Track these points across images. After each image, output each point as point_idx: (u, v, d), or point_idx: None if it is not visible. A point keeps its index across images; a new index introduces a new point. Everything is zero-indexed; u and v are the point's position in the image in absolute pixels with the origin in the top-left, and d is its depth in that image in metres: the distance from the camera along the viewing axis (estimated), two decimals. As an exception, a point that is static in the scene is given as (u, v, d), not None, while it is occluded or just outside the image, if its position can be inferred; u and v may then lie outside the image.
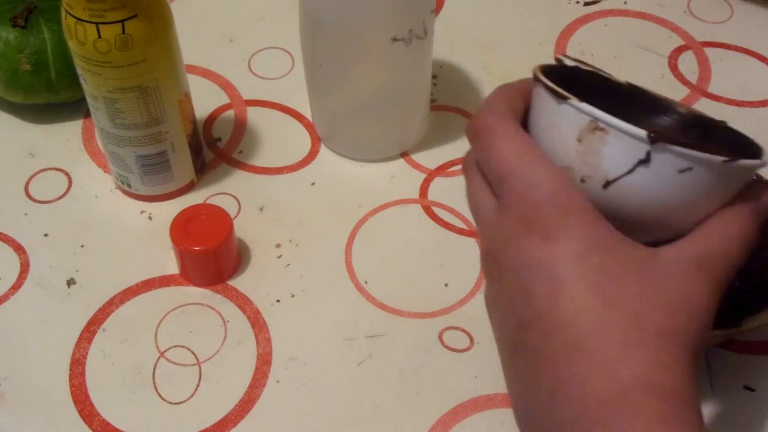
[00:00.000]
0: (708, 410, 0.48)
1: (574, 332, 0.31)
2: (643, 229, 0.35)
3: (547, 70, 0.38)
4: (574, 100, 0.34)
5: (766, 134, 0.63)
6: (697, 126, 0.41)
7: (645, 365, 0.30)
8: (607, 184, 0.34)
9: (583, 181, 0.35)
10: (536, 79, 0.37)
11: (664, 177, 0.33)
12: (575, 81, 0.39)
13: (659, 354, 0.31)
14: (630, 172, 0.34)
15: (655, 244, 0.34)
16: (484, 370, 0.49)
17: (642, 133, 0.33)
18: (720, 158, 0.33)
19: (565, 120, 0.35)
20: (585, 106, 0.34)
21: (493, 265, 0.35)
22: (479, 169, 0.37)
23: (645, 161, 0.33)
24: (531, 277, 0.32)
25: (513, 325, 0.34)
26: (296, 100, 0.64)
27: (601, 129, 0.34)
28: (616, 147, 0.34)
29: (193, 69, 0.66)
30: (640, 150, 0.33)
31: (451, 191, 0.59)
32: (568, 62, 0.41)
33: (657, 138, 0.32)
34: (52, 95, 0.60)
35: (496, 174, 0.35)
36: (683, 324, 0.32)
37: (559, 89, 0.35)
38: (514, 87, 0.38)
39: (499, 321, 0.35)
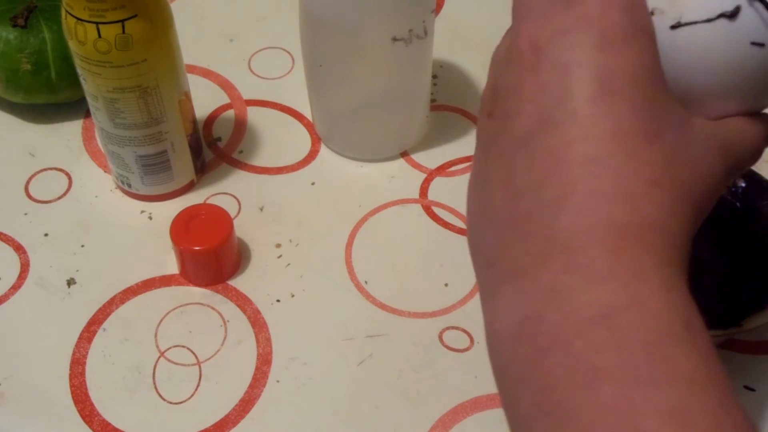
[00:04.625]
0: (708, 410, 0.48)
1: (604, 149, 0.29)
2: (679, 92, 0.32)
3: None
4: None
5: None
6: None
7: (663, 209, 0.28)
8: (677, 25, 0.31)
9: (652, 13, 0.31)
10: None
11: (736, 41, 0.31)
12: None
13: (679, 205, 0.29)
14: (707, 21, 0.31)
15: None
16: (484, 370, 0.49)
17: None
18: None
19: None
20: None
21: (531, 50, 0.31)
22: None
23: (730, 15, 0.30)
24: (577, 77, 0.29)
25: (532, 120, 0.30)
26: (296, 100, 0.64)
27: None
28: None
29: (193, 69, 0.66)
30: (731, 1, 0.30)
31: (452, 191, 0.59)
32: None
33: None
34: (52, 95, 0.60)
35: None
36: (705, 192, 0.30)
37: None
38: None
39: (508, 112, 0.32)
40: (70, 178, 0.59)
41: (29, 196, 0.58)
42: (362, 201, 0.58)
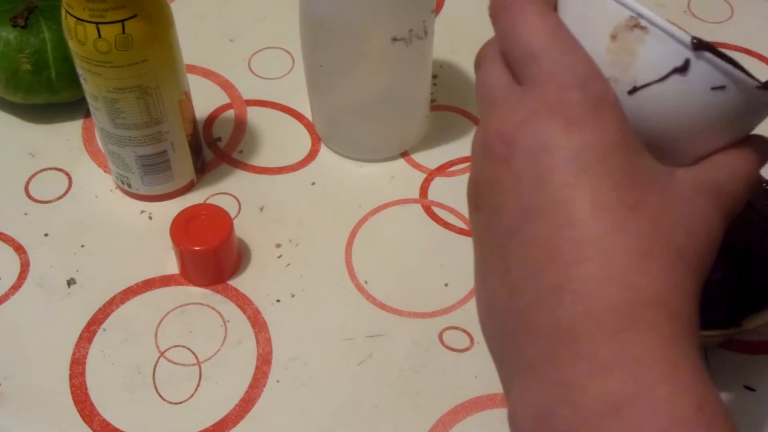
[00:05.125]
0: (708, 410, 0.48)
1: (590, 229, 0.29)
2: (658, 145, 0.32)
3: None
4: None
5: (766, 134, 0.63)
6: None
7: (660, 280, 0.28)
8: (634, 89, 0.32)
9: None
10: None
11: (695, 91, 0.31)
12: None
13: (676, 273, 0.29)
14: (662, 79, 0.31)
15: None
16: (484, 370, 0.49)
17: (686, 37, 0.30)
18: (755, 82, 0.30)
19: (600, 13, 0.32)
20: (629, 0, 0.31)
21: (501, 145, 0.31)
22: (498, 54, 0.34)
23: (681, 69, 0.30)
24: (549, 163, 0.30)
25: (515, 211, 0.31)
26: (296, 100, 0.64)
27: (641, 27, 0.31)
28: (653, 49, 0.31)
29: (193, 69, 0.66)
30: (679, 56, 0.30)
31: (452, 191, 0.59)
32: None
33: (700, 45, 0.30)
34: (52, 95, 0.60)
35: (525, 52, 0.31)
36: (700, 248, 0.30)
37: None
38: None
39: (493, 206, 0.32)
40: (70, 178, 0.59)
41: (29, 196, 0.58)
42: (362, 201, 0.58)
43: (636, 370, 0.27)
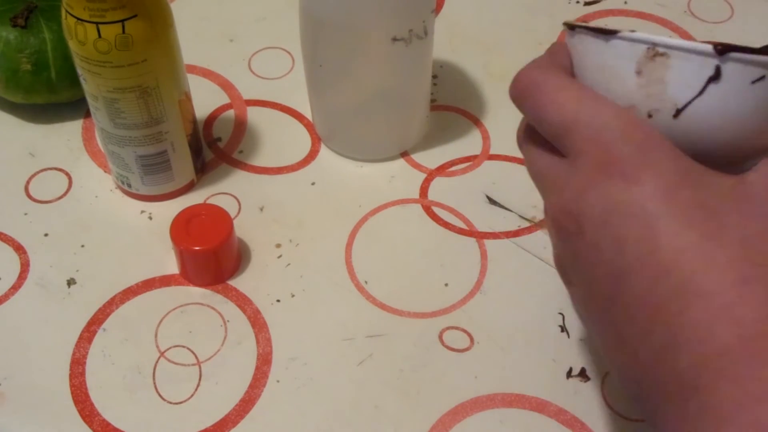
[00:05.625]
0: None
1: (682, 274, 0.28)
2: (717, 157, 0.33)
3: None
4: (625, 32, 0.32)
5: (766, 134, 0.63)
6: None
7: (765, 304, 0.28)
8: (677, 112, 0.32)
9: (650, 116, 0.32)
10: (573, 28, 0.34)
11: (737, 91, 0.31)
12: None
13: None
14: (701, 93, 0.31)
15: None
16: (484, 370, 0.49)
17: (707, 47, 0.30)
18: None
19: (618, 57, 0.32)
20: (639, 34, 0.31)
21: (569, 221, 0.32)
22: (533, 135, 0.34)
23: (715, 78, 0.31)
24: (620, 223, 0.30)
25: (605, 279, 0.31)
26: (296, 100, 0.64)
27: (662, 54, 0.31)
28: (681, 69, 0.31)
29: (193, 69, 0.66)
30: (709, 66, 0.31)
31: (452, 191, 0.59)
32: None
33: (724, 49, 0.30)
34: (52, 95, 0.60)
35: (558, 127, 0.32)
36: None
37: (603, 27, 0.32)
38: (555, 44, 0.36)
39: (583, 279, 0.32)
40: (70, 178, 0.59)
41: (29, 196, 0.58)
42: (362, 201, 0.58)
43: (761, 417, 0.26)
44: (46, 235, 0.56)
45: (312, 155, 0.61)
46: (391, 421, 0.48)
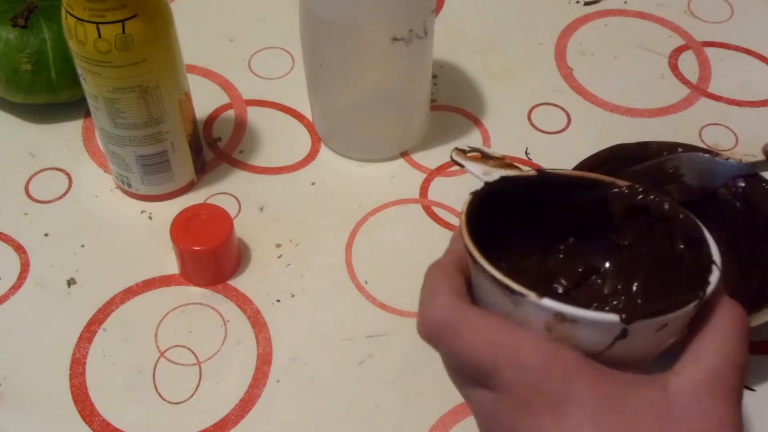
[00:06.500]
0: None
1: None
2: (625, 369, 0.34)
3: (471, 211, 0.36)
4: (532, 296, 0.32)
5: (766, 134, 0.63)
6: (637, 211, 0.39)
7: None
8: (593, 356, 0.33)
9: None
10: (475, 262, 0.34)
11: (643, 339, 0.33)
12: (497, 195, 0.38)
13: None
14: (609, 347, 0.32)
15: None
16: (484, 370, 0.49)
17: (614, 318, 0.31)
18: (692, 304, 0.32)
19: (527, 314, 0.33)
20: (546, 301, 0.32)
21: None
22: (452, 364, 0.35)
23: (621, 336, 0.32)
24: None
25: None
26: (296, 100, 0.64)
27: (570, 320, 0.32)
28: (589, 332, 0.32)
29: (193, 69, 0.66)
30: (615, 329, 0.32)
31: (451, 191, 0.59)
32: (462, 160, 0.40)
33: (630, 318, 0.31)
34: (52, 95, 0.60)
35: (478, 369, 0.32)
36: None
37: (510, 283, 0.32)
38: (446, 264, 0.36)
39: None
40: (70, 178, 0.59)
41: (29, 196, 0.58)
42: (362, 201, 0.58)
43: None
44: (46, 235, 0.56)
45: (312, 155, 0.61)
46: (391, 421, 0.48)
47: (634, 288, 0.39)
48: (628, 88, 0.66)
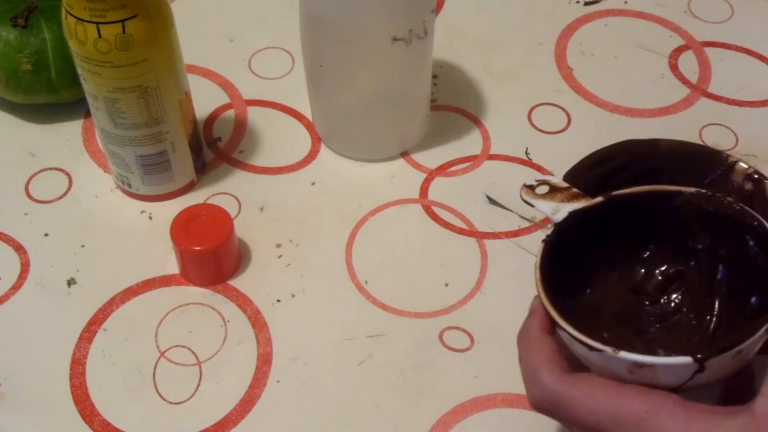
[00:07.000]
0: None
1: None
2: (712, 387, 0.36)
3: (544, 261, 0.39)
4: (609, 351, 0.34)
5: (766, 134, 0.63)
6: (708, 215, 0.40)
7: None
8: (674, 390, 0.35)
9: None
10: (560, 327, 0.37)
11: (721, 368, 0.34)
12: (571, 227, 0.40)
13: None
14: (690, 379, 0.34)
15: None
16: (484, 370, 0.49)
17: (688, 360, 0.33)
18: (763, 329, 0.33)
19: (608, 363, 0.35)
20: (623, 354, 0.34)
21: None
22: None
23: (700, 371, 0.34)
24: None
25: None
26: (296, 100, 0.64)
27: (648, 366, 0.34)
28: (668, 373, 0.34)
29: (193, 69, 0.66)
30: (692, 367, 0.33)
31: (452, 191, 0.59)
32: (531, 199, 0.41)
33: (706, 357, 0.33)
34: (52, 95, 0.60)
35: (595, 428, 0.35)
36: None
37: (587, 341, 0.35)
38: (534, 330, 0.38)
39: None
40: (70, 178, 0.59)
41: (29, 196, 0.58)
42: (362, 201, 0.58)
43: None
44: (46, 235, 0.56)
45: (312, 155, 0.61)
46: (391, 421, 0.48)
47: (717, 295, 0.41)
48: (628, 88, 0.66)
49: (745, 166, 0.48)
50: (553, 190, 0.41)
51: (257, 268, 0.54)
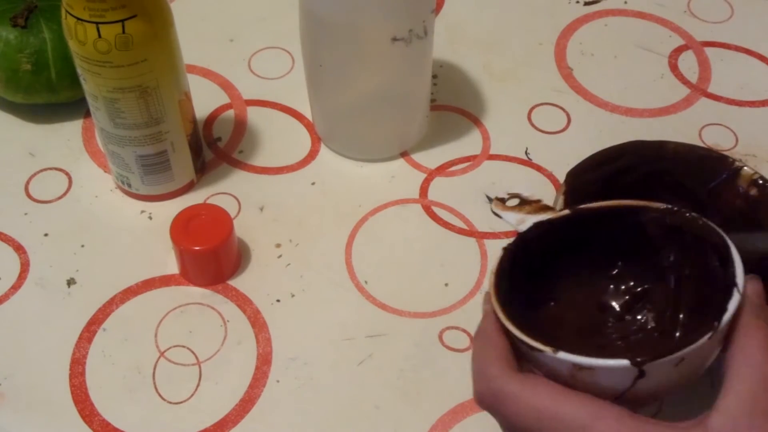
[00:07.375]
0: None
1: None
2: (657, 400, 0.37)
3: (501, 267, 0.39)
4: (548, 351, 0.35)
5: (766, 134, 0.63)
6: (674, 231, 0.40)
7: None
8: (612, 398, 0.35)
9: None
10: (504, 327, 0.37)
11: (664, 375, 0.34)
12: (536, 240, 0.40)
13: None
14: (632, 386, 0.34)
15: None
16: (484, 370, 0.49)
17: (625, 363, 0.33)
18: (705, 338, 0.33)
19: (552, 364, 0.35)
20: (562, 355, 0.34)
21: None
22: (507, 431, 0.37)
23: (641, 376, 0.34)
24: None
25: None
26: (296, 100, 0.64)
27: (587, 368, 0.34)
28: (607, 376, 0.34)
29: (193, 69, 0.66)
30: (632, 372, 0.34)
31: (451, 191, 0.59)
32: (500, 211, 0.42)
33: (644, 361, 0.33)
34: (52, 95, 0.60)
35: (535, 427, 0.35)
36: None
37: (528, 340, 0.35)
38: (488, 330, 0.38)
39: None
40: (70, 178, 0.59)
41: (29, 196, 0.58)
42: (362, 201, 0.58)
43: None
44: (46, 235, 0.56)
45: (312, 155, 0.61)
46: (391, 421, 0.48)
47: (681, 314, 0.41)
48: (628, 88, 0.66)
49: (751, 171, 0.48)
50: (523, 203, 0.42)
51: (257, 268, 0.54)
